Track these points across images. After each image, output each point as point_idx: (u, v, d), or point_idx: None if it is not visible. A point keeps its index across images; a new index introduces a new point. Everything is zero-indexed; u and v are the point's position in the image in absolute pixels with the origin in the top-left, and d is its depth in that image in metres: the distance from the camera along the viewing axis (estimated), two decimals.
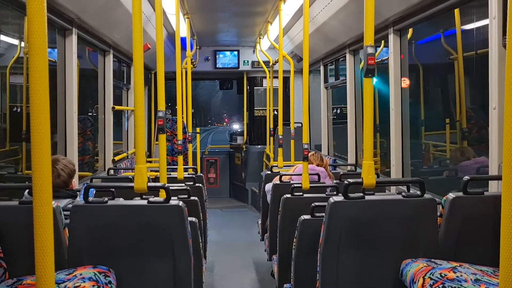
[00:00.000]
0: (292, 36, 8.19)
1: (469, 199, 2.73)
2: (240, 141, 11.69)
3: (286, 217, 4.01)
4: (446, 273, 2.34)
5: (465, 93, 4.65)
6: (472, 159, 4.42)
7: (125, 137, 8.09)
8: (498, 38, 3.08)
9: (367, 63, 2.73)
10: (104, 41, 5.90)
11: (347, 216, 2.71)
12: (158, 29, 3.71)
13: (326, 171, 5.07)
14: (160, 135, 3.65)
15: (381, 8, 4.37)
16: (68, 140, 4.82)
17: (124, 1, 4.90)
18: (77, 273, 2.38)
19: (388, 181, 4.85)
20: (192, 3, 6.62)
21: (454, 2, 3.72)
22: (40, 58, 1.35)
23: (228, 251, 7.44)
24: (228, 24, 8.41)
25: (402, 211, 2.74)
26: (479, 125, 4.54)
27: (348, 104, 6.68)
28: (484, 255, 2.62)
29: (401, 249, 2.73)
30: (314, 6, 5.96)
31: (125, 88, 7.92)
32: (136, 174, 2.82)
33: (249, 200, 11.17)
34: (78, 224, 2.64)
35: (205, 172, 11.72)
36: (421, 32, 5.36)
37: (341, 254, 2.71)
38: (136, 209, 2.70)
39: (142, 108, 2.95)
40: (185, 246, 2.68)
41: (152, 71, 9.79)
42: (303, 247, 3.35)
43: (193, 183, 4.79)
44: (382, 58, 5.95)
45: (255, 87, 11.22)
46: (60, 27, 4.57)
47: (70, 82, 4.81)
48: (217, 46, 10.64)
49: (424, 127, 5.75)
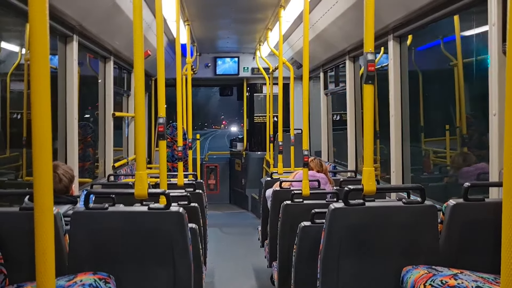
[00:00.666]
0: (292, 42, 8.20)
1: (470, 205, 2.73)
2: (240, 147, 11.69)
3: (286, 224, 4.00)
4: (447, 280, 2.33)
5: (465, 99, 4.65)
6: (472, 166, 4.42)
7: (126, 143, 8.09)
8: (498, 45, 3.08)
9: (367, 69, 2.73)
10: (105, 48, 5.91)
11: (348, 222, 2.70)
12: (159, 36, 3.73)
13: (327, 177, 5.07)
14: (160, 141, 3.66)
15: (381, 14, 4.38)
16: (68, 146, 4.82)
17: (125, 8, 4.91)
18: (77, 280, 2.38)
19: (388, 188, 4.85)
20: (192, 10, 6.64)
21: (454, 9, 3.73)
22: (42, 65, 1.35)
23: (228, 258, 7.43)
24: (228, 30, 8.43)
25: (403, 218, 2.74)
26: (479, 131, 4.54)
27: (348, 111, 6.69)
28: (485, 262, 2.62)
29: (402, 256, 2.72)
30: (314, 13, 5.98)
31: (125, 95, 7.93)
32: (137, 181, 2.82)
33: (249, 207, 11.16)
34: (79, 230, 2.64)
35: (205, 178, 11.72)
36: (421, 38, 5.37)
37: (341, 261, 2.71)
38: (136, 215, 2.70)
39: (143, 114, 2.95)
40: (185, 252, 2.68)
41: (152, 78, 9.80)
42: (303, 254, 3.34)
43: (193, 190, 4.79)
44: (382, 65, 5.96)
45: (255, 93, 11.24)
46: (61, 34, 4.58)
47: (70, 89, 4.81)
48: (217, 53, 10.66)
49: (424, 133, 5.75)
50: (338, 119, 8.61)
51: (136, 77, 2.95)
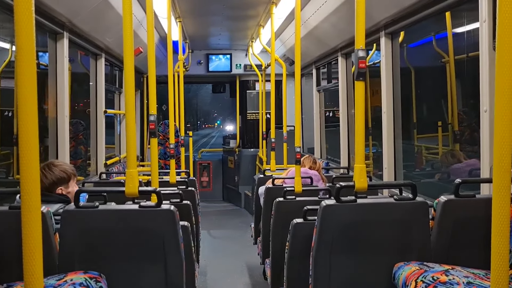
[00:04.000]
0: (284, 39, 8.19)
1: (461, 202, 2.73)
2: (233, 144, 11.69)
3: (278, 221, 4.00)
4: (439, 276, 2.34)
5: (457, 96, 4.66)
6: (463, 162, 4.44)
7: (118, 141, 8.06)
8: (488, 41, 3.09)
9: (358, 66, 2.73)
10: (96, 44, 5.87)
11: (339, 219, 2.70)
12: (150, 33, 3.71)
13: (319, 174, 5.07)
14: (152, 139, 3.64)
15: (373, 11, 4.38)
16: (59, 144, 4.79)
17: (116, 4, 4.88)
18: (67, 279, 2.36)
19: (380, 185, 4.85)
20: (184, 6, 6.61)
21: (445, 5, 3.73)
22: (28, 61, 1.34)
23: (221, 255, 7.42)
24: (220, 27, 8.41)
25: (394, 214, 2.74)
26: (471, 128, 4.56)
27: (341, 107, 6.69)
28: (476, 257, 2.62)
29: (394, 252, 2.72)
30: (306, 9, 5.97)
31: (117, 92, 7.90)
32: (127, 179, 2.81)
33: (242, 204, 11.16)
34: (69, 229, 2.61)
35: (198, 175, 11.70)
36: (412, 35, 5.38)
37: (333, 258, 2.70)
38: (127, 213, 2.68)
39: (133, 112, 2.93)
40: (176, 250, 2.67)
41: (144, 75, 9.76)
42: (296, 251, 3.34)
43: (186, 187, 4.78)
44: (374, 62, 5.97)
45: (247, 90, 11.24)
46: (51, 30, 4.55)
47: (61, 86, 4.78)
48: (209, 50, 10.64)
49: (416, 130, 5.76)
50: (330, 115, 8.63)
51: (126, 74, 2.92)
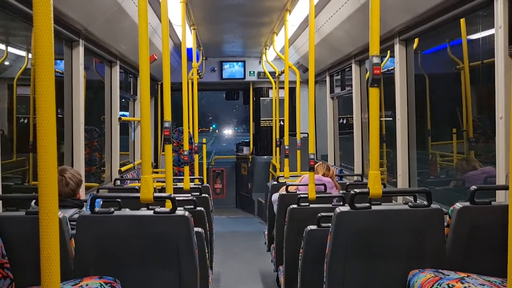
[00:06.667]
0: (298, 46, 8.20)
1: (477, 209, 2.71)
2: (246, 151, 11.70)
3: (292, 228, 3.99)
4: (454, 283, 2.32)
5: (472, 103, 4.63)
6: (478, 169, 4.40)
7: (132, 147, 8.11)
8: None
9: (372, 73, 2.73)
10: (110, 52, 5.93)
11: (354, 226, 2.69)
12: (165, 40, 3.73)
13: (333, 181, 5.06)
14: (166, 145, 3.66)
15: (387, 18, 4.37)
16: (75, 151, 4.83)
17: (131, 12, 4.93)
18: (83, 284, 2.38)
19: (395, 191, 4.82)
20: (198, 14, 6.65)
21: (460, 12, 3.72)
22: (47, 69, 1.36)
23: (235, 262, 7.42)
24: (234, 35, 8.44)
25: (409, 221, 2.73)
26: (486, 135, 4.52)
27: (354, 114, 6.68)
28: (492, 265, 2.60)
29: (408, 259, 2.71)
30: (320, 16, 5.98)
31: (131, 99, 7.95)
32: (142, 185, 2.83)
33: (255, 211, 11.15)
34: (84, 234, 2.64)
35: (211, 182, 11.72)
36: (427, 41, 5.36)
37: (347, 265, 2.70)
38: (142, 219, 2.70)
39: (148, 118, 2.96)
40: (191, 256, 2.68)
41: (158, 82, 9.82)
42: (310, 258, 3.33)
43: (199, 194, 4.79)
44: (388, 68, 5.95)
45: (261, 97, 11.25)
46: (67, 38, 4.60)
47: (77, 93, 4.83)
48: (223, 57, 10.68)
49: (431, 137, 5.73)
50: (344, 123, 8.60)
51: (141, 81, 2.95)
